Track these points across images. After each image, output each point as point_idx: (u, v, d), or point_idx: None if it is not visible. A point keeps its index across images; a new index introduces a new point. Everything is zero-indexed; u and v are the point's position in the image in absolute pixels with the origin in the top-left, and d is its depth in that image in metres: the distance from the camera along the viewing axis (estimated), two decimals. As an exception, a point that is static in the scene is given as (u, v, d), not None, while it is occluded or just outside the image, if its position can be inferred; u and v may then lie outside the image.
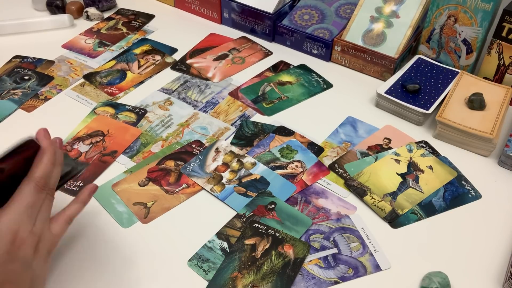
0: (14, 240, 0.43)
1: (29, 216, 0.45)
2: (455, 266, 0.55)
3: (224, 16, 0.97)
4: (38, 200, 0.46)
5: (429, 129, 0.74)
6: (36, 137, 0.48)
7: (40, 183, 0.46)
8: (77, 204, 0.52)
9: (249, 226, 0.58)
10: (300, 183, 0.65)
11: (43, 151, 0.48)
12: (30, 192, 0.45)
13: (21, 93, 0.79)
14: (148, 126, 0.73)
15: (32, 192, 0.45)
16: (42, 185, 0.46)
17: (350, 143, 0.71)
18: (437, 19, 0.81)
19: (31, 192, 0.45)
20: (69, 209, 0.51)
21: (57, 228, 0.49)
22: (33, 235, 0.45)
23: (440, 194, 0.64)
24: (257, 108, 0.77)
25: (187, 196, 0.63)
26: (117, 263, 0.55)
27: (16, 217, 0.44)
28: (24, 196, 0.45)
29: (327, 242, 0.58)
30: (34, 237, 0.45)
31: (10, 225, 0.43)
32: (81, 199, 0.53)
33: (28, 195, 0.45)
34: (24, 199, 0.45)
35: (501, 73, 0.78)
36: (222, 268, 0.54)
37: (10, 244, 0.43)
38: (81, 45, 0.91)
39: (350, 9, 0.90)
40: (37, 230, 0.46)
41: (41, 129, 0.50)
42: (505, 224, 0.60)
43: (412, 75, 0.79)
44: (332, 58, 0.88)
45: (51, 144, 0.49)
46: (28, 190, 0.45)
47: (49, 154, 0.48)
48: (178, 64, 0.87)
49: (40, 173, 0.46)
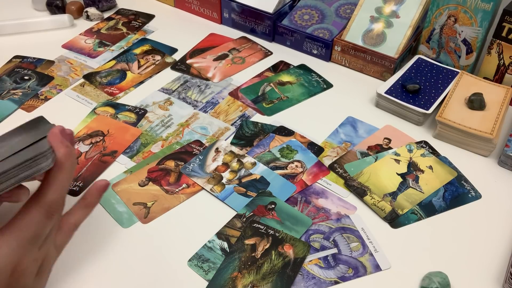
0: (14, 272, 0.37)
1: (34, 245, 0.38)
2: (455, 266, 0.55)
3: (224, 16, 0.97)
4: (47, 228, 0.39)
5: (429, 129, 0.74)
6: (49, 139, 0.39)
7: (53, 208, 0.38)
8: (83, 209, 0.45)
9: (249, 226, 0.58)
10: (300, 183, 0.65)
11: (59, 167, 0.38)
12: (40, 220, 0.38)
13: (21, 93, 0.79)
14: (148, 126, 0.73)
15: (42, 220, 0.38)
16: (54, 211, 0.39)
17: (350, 143, 0.71)
18: (437, 19, 0.81)
19: (41, 220, 0.38)
20: (75, 215, 0.44)
21: (61, 239, 0.43)
22: (36, 262, 0.39)
23: (440, 194, 0.64)
24: (257, 108, 0.77)
25: (187, 196, 0.63)
26: (117, 263, 0.55)
27: (18, 248, 0.37)
28: (32, 224, 0.37)
29: (327, 242, 0.58)
30: (37, 263, 0.39)
31: (10, 258, 0.37)
32: (89, 202, 0.45)
33: (37, 223, 0.37)
34: (31, 228, 0.37)
35: (501, 73, 0.78)
36: (222, 268, 0.54)
37: (9, 277, 0.37)
38: (81, 45, 0.91)
39: (350, 9, 0.90)
40: (41, 254, 0.39)
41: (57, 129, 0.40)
42: (505, 224, 0.60)
43: (412, 75, 0.79)
44: (332, 58, 0.88)
45: (69, 156, 0.39)
46: (38, 217, 0.37)
47: (66, 171, 0.39)
48: (178, 64, 0.87)
49: (54, 196, 0.38)
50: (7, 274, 0.37)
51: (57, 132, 0.40)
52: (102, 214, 0.60)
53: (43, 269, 0.41)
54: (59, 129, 0.40)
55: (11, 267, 0.37)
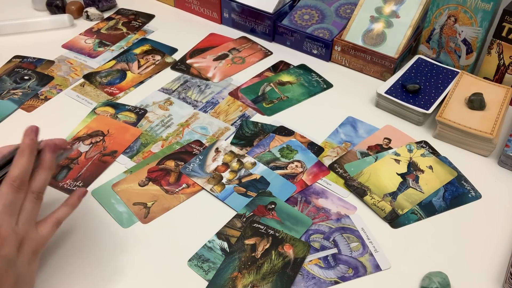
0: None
1: (9, 215, 0.45)
2: (455, 266, 0.55)
3: (224, 16, 0.97)
4: (16, 200, 0.46)
5: (429, 129, 0.74)
6: (23, 134, 0.48)
7: (16, 182, 0.46)
8: (65, 207, 0.52)
9: (249, 226, 0.58)
10: (300, 183, 0.65)
11: (21, 151, 0.48)
12: (7, 191, 0.46)
13: (21, 93, 0.79)
14: (148, 126, 0.73)
15: (9, 191, 0.46)
16: (18, 185, 0.46)
17: (350, 143, 0.71)
18: (437, 19, 0.81)
19: (7, 191, 0.46)
20: (58, 212, 0.51)
21: (44, 229, 0.49)
22: (15, 234, 0.45)
23: (440, 194, 0.64)
24: (257, 108, 0.77)
25: (187, 196, 0.63)
26: (117, 263, 0.55)
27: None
28: (1, 195, 0.45)
29: (327, 242, 0.58)
30: (17, 236, 0.46)
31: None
32: (70, 202, 0.53)
33: (5, 194, 0.46)
34: (2, 198, 0.45)
35: (501, 73, 0.78)
36: (222, 268, 0.54)
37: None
38: (81, 45, 0.91)
39: (350, 9, 0.90)
40: (21, 230, 0.46)
41: (29, 127, 0.49)
42: (505, 224, 0.60)
43: (412, 75, 0.79)
44: (332, 58, 0.88)
45: (30, 144, 0.48)
46: (5, 189, 0.46)
47: (26, 153, 0.48)
48: (178, 64, 0.87)
49: (15, 172, 0.47)
50: None
51: (28, 129, 0.49)
52: (102, 214, 0.60)
53: (25, 248, 0.46)
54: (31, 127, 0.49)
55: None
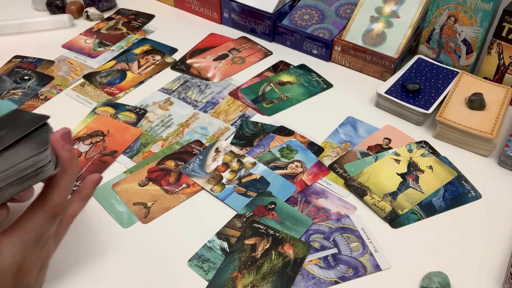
0: (18, 272, 0.38)
1: (38, 245, 0.39)
2: (455, 266, 0.55)
3: (224, 16, 0.97)
4: (50, 230, 0.40)
5: (429, 129, 0.74)
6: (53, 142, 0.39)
7: (57, 211, 0.40)
8: (79, 201, 0.45)
9: (249, 226, 0.58)
10: (300, 183, 0.65)
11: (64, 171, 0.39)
12: (44, 222, 0.39)
13: (21, 93, 0.79)
14: (148, 126, 0.73)
15: (46, 223, 0.39)
16: (57, 213, 0.40)
17: (350, 143, 0.71)
18: (437, 19, 0.81)
19: (45, 223, 0.39)
20: (71, 208, 0.45)
21: (59, 232, 0.44)
22: (38, 260, 0.40)
23: (440, 194, 0.64)
24: (257, 108, 0.77)
25: (187, 196, 0.63)
26: (117, 263, 0.55)
27: (22, 250, 0.38)
28: (36, 226, 0.39)
29: (327, 242, 0.58)
30: (39, 261, 0.41)
31: (14, 259, 0.38)
32: (84, 194, 0.46)
33: (41, 225, 0.39)
34: (35, 230, 0.39)
35: (501, 73, 0.78)
36: (222, 268, 0.54)
37: (13, 277, 0.38)
38: (81, 45, 0.91)
39: (350, 9, 0.90)
40: (44, 252, 0.41)
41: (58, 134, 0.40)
42: (505, 224, 0.60)
43: (412, 75, 0.79)
44: (332, 58, 0.88)
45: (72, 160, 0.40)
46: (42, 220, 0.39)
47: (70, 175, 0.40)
48: (178, 64, 0.87)
49: (59, 199, 0.39)
50: (11, 274, 0.38)
51: (58, 137, 0.41)
52: (102, 214, 0.60)
53: (44, 265, 0.42)
54: (60, 133, 0.41)
55: (16, 267, 0.38)
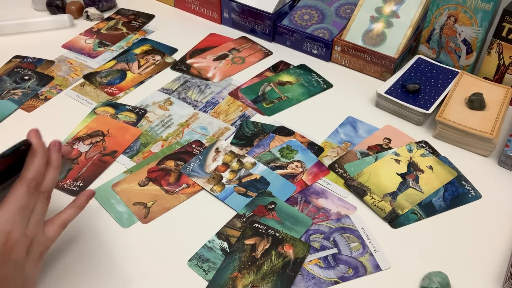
0: (7, 241, 0.43)
1: (22, 218, 0.45)
2: (455, 266, 0.55)
3: (224, 16, 0.97)
4: (30, 202, 0.46)
5: (429, 129, 0.74)
6: (27, 137, 0.48)
7: (32, 184, 0.46)
8: (73, 209, 0.51)
9: (249, 226, 0.58)
10: (300, 183, 0.65)
11: (34, 152, 0.47)
12: (22, 193, 0.45)
13: (21, 93, 0.79)
14: (148, 126, 0.73)
15: (25, 194, 0.45)
16: (34, 186, 0.46)
17: (350, 143, 0.71)
18: (437, 19, 0.81)
19: (22, 194, 0.45)
20: (65, 214, 0.51)
21: (51, 231, 0.49)
22: (25, 237, 0.45)
23: (440, 194, 0.64)
24: (257, 108, 0.77)
25: (187, 196, 0.63)
26: (117, 263, 0.55)
27: (8, 219, 0.44)
28: (17, 197, 0.45)
29: (327, 242, 0.58)
30: (27, 239, 0.45)
31: (2, 226, 0.43)
32: (78, 204, 0.52)
33: (21, 196, 0.45)
34: (17, 201, 0.45)
35: (501, 73, 0.78)
36: (222, 268, 0.54)
37: (2, 245, 0.43)
38: (81, 45, 0.91)
39: (350, 9, 0.90)
40: (30, 232, 0.46)
41: (33, 129, 0.49)
42: (505, 224, 0.60)
43: (412, 75, 0.79)
44: (332, 58, 0.88)
45: (42, 145, 0.48)
46: (20, 191, 0.45)
47: (40, 154, 0.47)
48: (178, 64, 0.87)
49: (31, 174, 0.46)
50: (0, 242, 0.43)
51: (32, 130, 0.48)
52: (102, 214, 0.60)
53: (33, 251, 0.46)
54: (35, 129, 0.49)
55: (4, 236, 0.43)
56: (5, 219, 0.44)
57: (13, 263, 0.44)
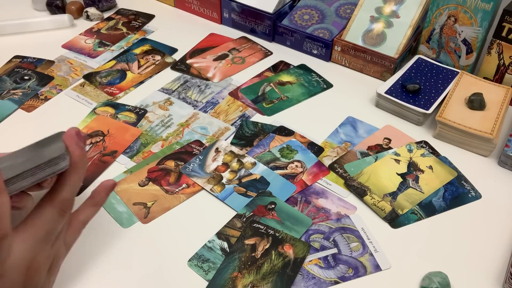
0: (29, 269, 0.39)
1: (47, 242, 0.40)
2: (455, 266, 0.55)
3: (224, 16, 0.97)
4: (59, 225, 0.41)
5: (429, 129, 0.74)
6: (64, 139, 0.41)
7: (66, 206, 0.41)
8: (90, 207, 0.46)
9: (249, 226, 0.58)
10: (300, 183, 0.65)
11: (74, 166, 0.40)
12: (53, 217, 0.40)
13: (21, 93, 0.79)
14: (148, 126, 0.73)
15: (56, 218, 0.40)
16: (66, 208, 0.41)
17: (350, 143, 0.71)
18: (437, 19, 0.81)
19: (54, 218, 0.40)
20: (83, 214, 0.45)
21: (70, 238, 0.44)
22: (48, 258, 0.41)
23: (440, 194, 0.64)
24: (257, 108, 0.77)
25: (187, 196, 0.63)
26: (117, 263, 0.55)
27: (33, 245, 0.39)
28: (46, 221, 0.39)
29: (327, 242, 0.58)
30: (50, 260, 0.41)
31: (26, 254, 0.38)
32: (98, 200, 0.47)
33: (50, 220, 0.39)
34: (45, 225, 0.39)
35: (501, 73, 0.78)
36: (222, 268, 0.54)
37: (24, 273, 0.38)
38: (81, 45, 0.91)
39: (350, 9, 0.90)
40: (54, 251, 0.41)
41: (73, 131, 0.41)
42: (505, 224, 0.60)
43: (412, 75, 0.79)
44: (332, 58, 0.88)
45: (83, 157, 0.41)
46: (52, 215, 0.39)
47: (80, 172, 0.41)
48: (178, 64, 0.87)
49: (67, 195, 0.40)
50: (22, 270, 0.38)
51: (73, 133, 0.41)
52: (102, 214, 0.60)
53: (53, 265, 0.42)
54: (75, 131, 0.42)
55: (27, 263, 0.38)
56: (29, 246, 0.38)
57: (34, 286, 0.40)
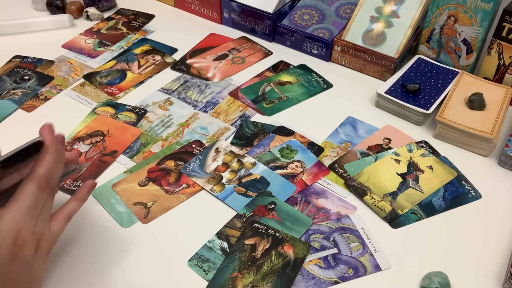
0: (16, 240, 0.43)
1: (31, 216, 0.44)
2: (455, 266, 0.55)
3: (224, 16, 0.97)
4: (40, 200, 0.45)
5: (429, 129, 0.74)
6: (40, 132, 0.47)
7: (43, 181, 0.45)
8: (75, 202, 0.51)
9: (249, 226, 0.58)
10: (300, 183, 0.65)
11: (47, 149, 0.46)
12: (33, 191, 0.44)
13: (21, 93, 0.79)
14: (148, 126, 0.73)
15: (35, 191, 0.45)
16: (44, 184, 0.45)
17: (350, 143, 0.71)
18: (437, 19, 0.81)
19: (33, 192, 0.44)
20: (68, 207, 0.50)
21: (56, 226, 0.48)
22: (34, 235, 0.44)
23: (440, 194, 0.64)
24: (257, 108, 0.77)
25: (187, 196, 0.63)
26: (117, 263, 0.55)
27: (18, 217, 0.43)
28: (27, 195, 0.44)
29: (327, 242, 0.58)
30: (35, 237, 0.45)
31: (12, 225, 0.43)
32: (80, 196, 0.52)
33: (31, 194, 0.44)
34: (27, 199, 0.44)
35: (501, 73, 0.78)
36: (222, 268, 0.54)
37: (12, 244, 0.42)
38: (81, 45, 0.91)
39: (350, 9, 0.90)
40: (38, 229, 0.45)
41: (46, 124, 0.48)
42: (505, 224, 0.60)
43: (412, 75, 0.79)
44: (332, 58, 0.88)
45: (54, 141, 0.47)
46: (31, 189, 0.44)
47: (52, 152, 0.46)
48: (178, 64, 0.87)
49: (42, 171, 0.45)
50: (10, 241, 0.42)
51: (46, 125, 0.48)
52: (102, 214, 0.60)
53: (41, 248, 0.46)
54: (48, 124, 0.48)
55: (14, 234, 0.43)
56: (15, 218, 0.43)
57: (22, 262, 0.43)
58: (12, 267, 0.42)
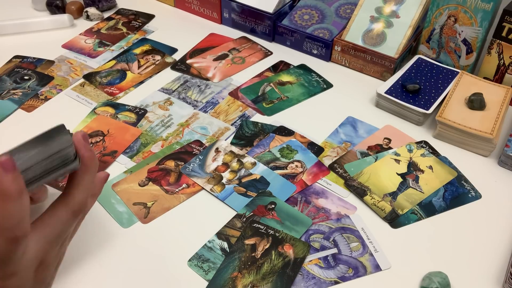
0: (39, 266, 0.40)
1: (58, 242, 0.41)
2: (455, 266, 0.55)
3: (224, 16, 0.97)
4: (71, 227, 0.42)
5: (429, 129, 0.74)
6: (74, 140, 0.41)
7: (79, 208, 0.41)
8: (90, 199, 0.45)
9: (249, 226, 0.58)
10: (300, 183, 0.65)
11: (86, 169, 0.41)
12: (66, 219, 0.40)
13: (21, 93, 0.79)
14: (148, 126, 0.73)
15: (68, 220, 0.41)
16: (79, 211, 0.41)
17: (350, 143, 0.71)
18: (437, 19, 0.81)
19: (67, 220, 0.40)
20: None
21: None
22: (57, 257, 0.42)
23: (440, 194, 0.64)
24: (257, 108, 0.77)
25: (187, 196, 0.63)
26: (117, 263, 0.55)
27: (45, 245, 0.39)
28: (59, 223, 0.40)
29: (327, 242, 0.58)
30: (58, 258, 0.42)
31: (38, 254, 0.39)
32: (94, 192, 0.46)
33: (63, 222, 0.40)
34: (58, 227, 0.40)
35: (501, 73, 0.78)
36: (222, 268, 0.54)
37: (35, 271, 0.39)
38: (81, 45, 0.91)
39: (350, 9, 0.90)
40: (62, 251, 0.43)
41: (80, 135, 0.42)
42: (505, 224, 0.60)
43: (412, 75, 0.79)
44: (332, 58, 0.88)
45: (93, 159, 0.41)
46: (65, 217, 0.40)
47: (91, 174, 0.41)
48: (178, 64, 0.87)
49: (81, 197, 0.41)
50: (33, 268, 0.39)
51: (80, 137, 0.42)
52: (102, 214, 0.60)
53: (59, 264, 0.44)
54: (81, 134, 0.42)
55: (38, 261, 0.39)
56: (41, 246, 0.39)
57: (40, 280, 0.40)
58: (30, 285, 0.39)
